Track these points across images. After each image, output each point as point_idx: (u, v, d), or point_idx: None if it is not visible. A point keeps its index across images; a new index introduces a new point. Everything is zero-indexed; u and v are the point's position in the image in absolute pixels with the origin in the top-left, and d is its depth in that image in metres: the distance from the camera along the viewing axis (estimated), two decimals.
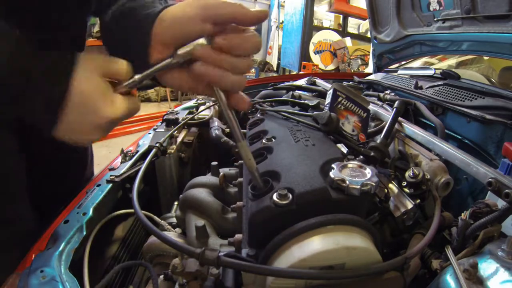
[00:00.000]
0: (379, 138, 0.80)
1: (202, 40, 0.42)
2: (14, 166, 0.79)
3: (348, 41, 5.85)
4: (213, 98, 1.67)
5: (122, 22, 0.54)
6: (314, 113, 0.83)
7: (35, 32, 0.48)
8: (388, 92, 1.38)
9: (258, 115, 1.03)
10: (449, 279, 0.49)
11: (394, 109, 0.93)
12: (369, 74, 1.93)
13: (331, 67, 5.82)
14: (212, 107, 1.43)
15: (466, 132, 1.05)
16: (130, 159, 0.96)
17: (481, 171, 0.64)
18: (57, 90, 0.42)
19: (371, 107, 1.02)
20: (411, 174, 0.67)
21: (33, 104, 0.41)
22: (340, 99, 0.89)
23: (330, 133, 0.80)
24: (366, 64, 5.55)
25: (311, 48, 5.75)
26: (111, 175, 0.86)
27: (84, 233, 0.67)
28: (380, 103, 1.20)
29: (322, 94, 1.37)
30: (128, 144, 1.12)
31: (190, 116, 1.31)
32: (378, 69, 1.98)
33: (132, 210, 0.79)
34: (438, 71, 1.44)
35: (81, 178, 1.02)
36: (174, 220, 0.89)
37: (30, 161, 0.84)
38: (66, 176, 0.98)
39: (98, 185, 0.83)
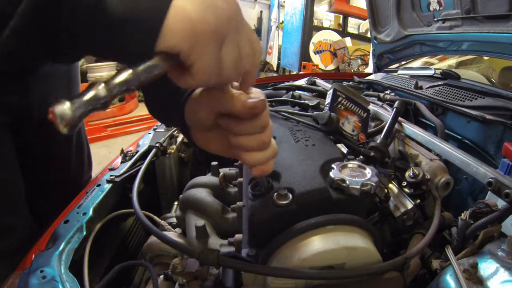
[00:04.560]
0: (379, 138, 0.80)
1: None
2: (11, 173, 0.79)
3: (348, 41, 5.85)
4: None
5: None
6: (314, 113, 0.83)
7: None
8: (388, 92, 1.38)
9: None
10: (449, 279, 0.48)
11: (394, 109, 0.93)
12: (369, 74, 1.93)
13: (331, 67, 5.82)
14: None
15: (466, 132, 1.05)
16: (130, 159, 0.96)
17: (481, 171, 0.64)
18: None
19: (371, 107, 1.02)
20: (411, 174, 0.67)
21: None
22: (340, 99, 0.89)
23: (330, 133, 0.80)
24: (366, 64, 5.56)
25: (311, 48, 5.75)
26: (111, 175, 0.86)
27: (84, 233, 0.67)
28: (380, 103, 1.20)
29: (322, 94, 1.37)
30: (128, 144, 1.12)
31: None
32: (378, 69, 1.97)
33: (132, 210, 0.79)
34: (438, 71, 1.44)
35: (78, 184, 1.03)
36: (174, 220, 0.89)
37: (25, 168, 0.84)
38: (62, 183, 0.98)
39: (98, 185, 0.83)
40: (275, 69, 7.73)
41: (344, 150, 0.77)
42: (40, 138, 0.88)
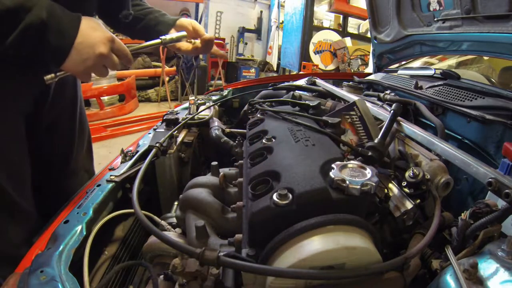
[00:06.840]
0: (376, 139, 0.80)
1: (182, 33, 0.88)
2: (22, 158, 0.81)
3: (348, 41, 5.85)
4: (213, 98, 1.68)
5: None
6: (325, 117, 0.84)
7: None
8: (388, 92, 1.38)
9: (258, 115, 1.03)
10: (449, 279, 0.48)
11: (392, 112, 0.93)
12: (369, 74, 1.93)
13: (331, 67, 5.83)
14: (212, 107, 1.43)
15: (466, 132, 1.05)
16: (130, 159, 0.96)
17: (481, 171, 0.64)
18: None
19: (371, 107, 1.02)
20: (411, 174, 0.67)
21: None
22: (353, 113, 0.88)
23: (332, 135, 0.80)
24: (366, 64, 5.56)
25: (311, 48, 5.75)
26: (111, 175, 0.86)
27: (84, 233, 0.67)
28: (380, 103, 1.20)
29: (322, 94, 1.37)
30: (128, 144, 1.12)
31: (190, 116, 1.31)
32: (378, 69, 1.97)
33: (132, 210, 0.79)
34: (438, 71, 1.44)
35: (75, 177, 1.05)
36: (174, 220, 0.89)
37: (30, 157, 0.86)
38: (61, 175, 1.00)
39: (98, 185, 0.82)
40: (275, 69, 7.73)
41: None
42: (45, 131, 0.91)
